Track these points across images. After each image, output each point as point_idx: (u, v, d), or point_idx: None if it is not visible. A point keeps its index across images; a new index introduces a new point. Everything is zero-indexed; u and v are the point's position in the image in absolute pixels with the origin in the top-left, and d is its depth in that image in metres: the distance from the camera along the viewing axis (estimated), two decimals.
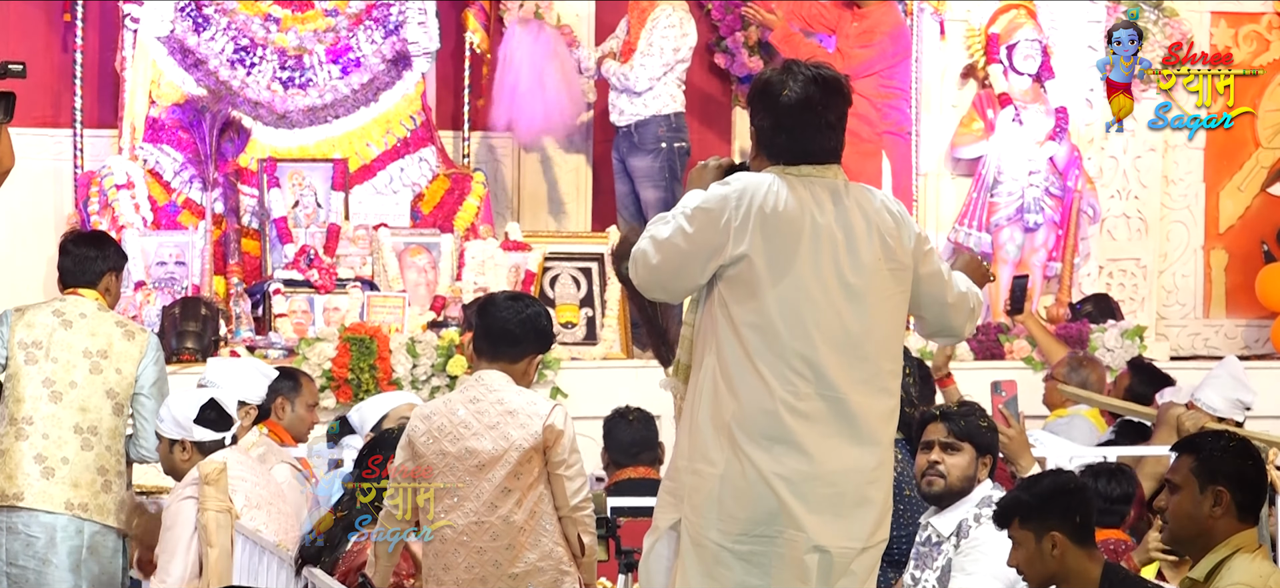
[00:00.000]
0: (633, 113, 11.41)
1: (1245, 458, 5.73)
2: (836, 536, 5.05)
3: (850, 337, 5.08)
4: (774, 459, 5.03)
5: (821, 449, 5.04)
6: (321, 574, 6.24)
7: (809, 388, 5.04)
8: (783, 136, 5.18)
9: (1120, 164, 12.36)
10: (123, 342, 7.92)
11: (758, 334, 5.07)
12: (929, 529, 6.47)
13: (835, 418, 5.05)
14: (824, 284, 5.07)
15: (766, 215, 5.08)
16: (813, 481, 5.04)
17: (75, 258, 8.05)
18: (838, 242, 5.10)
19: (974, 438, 6.45)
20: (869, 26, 11.50)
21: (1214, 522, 5.60)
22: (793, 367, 5.04)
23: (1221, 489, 5.61)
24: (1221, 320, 12.67)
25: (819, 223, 5.09)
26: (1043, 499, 5.80)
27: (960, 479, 6.43)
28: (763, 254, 5.07)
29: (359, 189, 11.24)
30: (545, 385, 10.42)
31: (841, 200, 5.14)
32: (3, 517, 7.77)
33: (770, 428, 5.04)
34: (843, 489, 5.05)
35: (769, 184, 5.11)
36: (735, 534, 5.05)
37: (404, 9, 11.35)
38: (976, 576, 6.21)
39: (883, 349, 5.13)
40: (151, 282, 10.60)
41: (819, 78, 5.19)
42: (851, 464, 5.06)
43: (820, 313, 5.06)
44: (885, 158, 11.51)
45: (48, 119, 11.19)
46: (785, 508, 5.02)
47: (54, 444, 7.80)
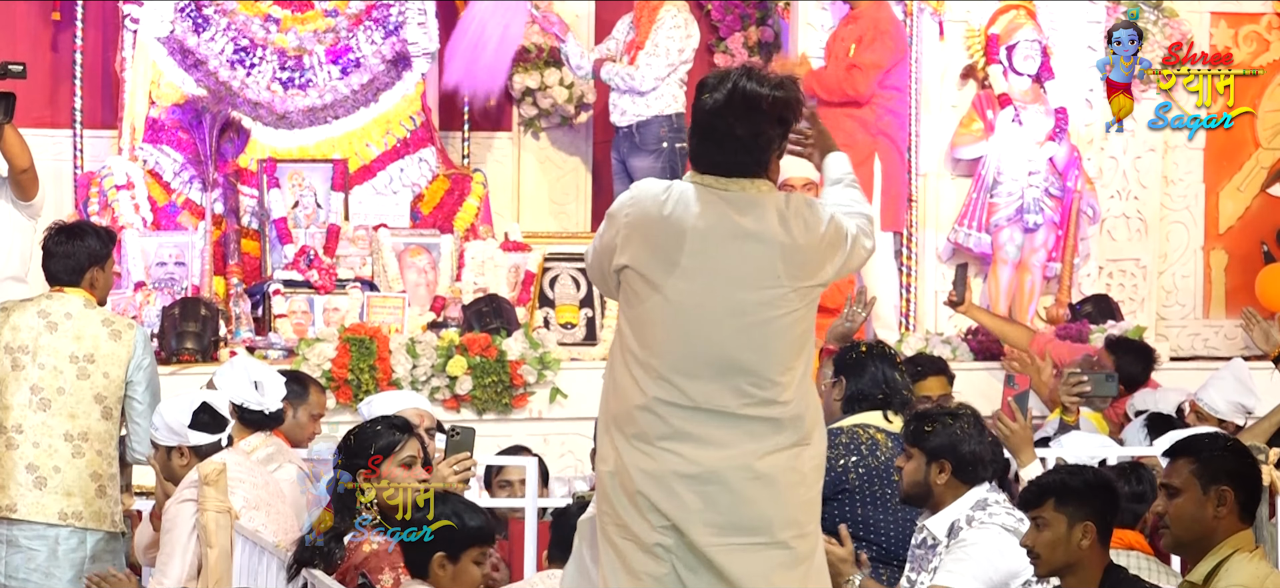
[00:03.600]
0: (635, 113, 11.42)
1: (1243, 458, 5.74)
2: (707, 533, 5.06)
3: (727, 348, 5.06)
4: (645, 457, 5.08)
5: (690, 449, 5.05)
6: (321, 575, 6.23)
7: (678, 393, 5.06)
8: (695, 141, 5.20)
9: (1120, 164, 12.35)
10: (109, 343, 7.80)
11: (636, 338, 5.12)
12: (924, 532, 6.47)
13: (706, 422, 5.05)
14: (705, 294, 5.07)
15: (650, 223, 5.11)
16: (685, 480, 5.06)
17: (57, 257, 7.89)
18: (732, 254, 5.07)
19: (919, 444, 6.43)
20: (866, 26, 11.51)
21: (1218, 523, 5.61)
22: (663, 372, 5.06)
23: (1225, 489, 5.61)
24: (1221, 321, 12.66)
25: (711, 233, 5.07)
26: (1086, 487, 5.79)
27: (909, 485, 6.44)
28: (643, 262, 5.10)
29: (359, 190, 11.24)
30: (545, 386, 10.43)
31: (749, 213, 5.09)
32: (2, 529, 7.72)
33: (644, 427, 5.08)
34: (713, 488, 5.05)
35: (665, 191, 5.14)
36: (624, 527, 5.10)
37: (404, 9, 11.35)
38: (957, 574, 6.20)
39: (769, 362, 5.07)
40: (151, 282, 10.60)
41: (739, 90, 5.11)
42: (723, 463, 5.05)
43: (696, 322, 5.06)
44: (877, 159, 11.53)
45: (47, 120, 11.19)
46: (657, 505, 5.06)
47: (45, 453, 7.70)
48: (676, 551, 5.09)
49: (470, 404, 10.34)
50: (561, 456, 10.08)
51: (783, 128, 5.17)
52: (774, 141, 5.16)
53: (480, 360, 10.29)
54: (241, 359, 8.66)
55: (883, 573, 6.75)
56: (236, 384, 7.81)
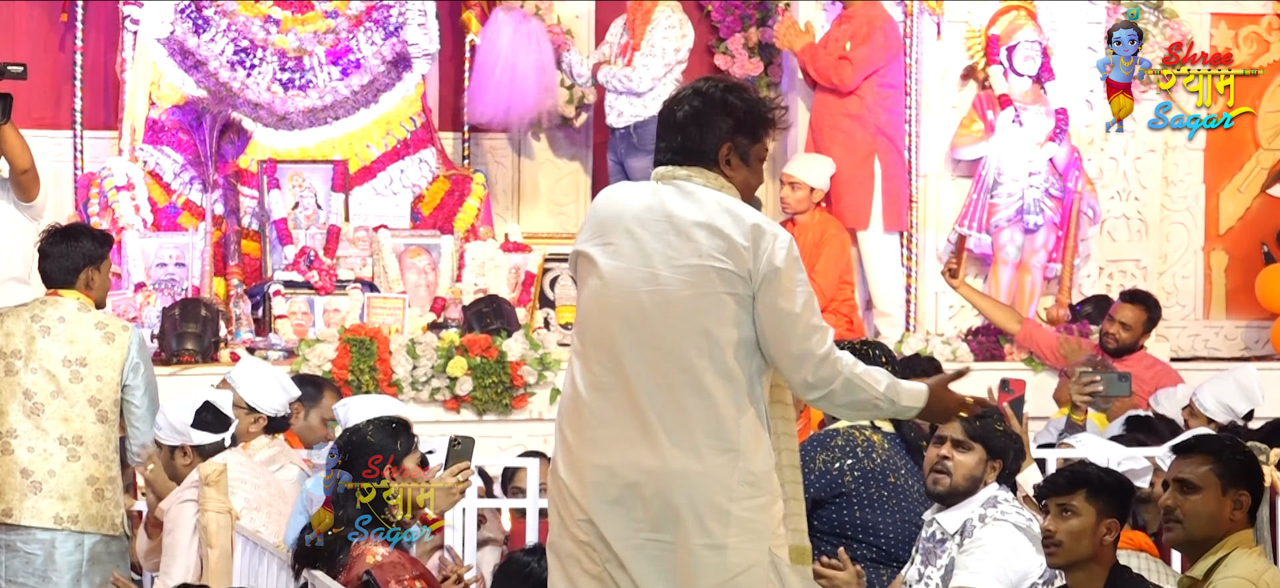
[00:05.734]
0: (632, 114, 11.42)
1: (1257, 464, 5.80)
2: (619, 528, 5.07)
3: (652, 331, 5.07)
4: (570, 449, 5.14)
5: (610, 441, 5.07)
6: (323, 577, 6.23)
7: (608, 378, 5.09)
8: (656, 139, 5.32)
9: (1120, 165, 12.35)
10: (102, 346, 7.81)
11: (579, 325, 5.21)
12: (934, 526, 6.47)
13: (630, 413, 5.06)
14: (635, 278, 5.10)
15: (600, 216, 5.22)
16: (598, 470, 5.08)
17: (52, 258, 7.92)
18: (663, 237, 5.10)
19: (987, 441, 6.43)
20: (859, 25, 11.53)
21: (1232, 525, 5.64)
22: (595, 356, 5.12)
23: (1244, 493, 5.64)
24: (1222, 322, 12.66)
25: (645, 218, 5.12)
26: (1117, 486, 5.85)
27: (965, 479, 6.42)
28: (592, 251, 5.17)
29: (359, 190, 11.24)
30: (545, 387, 10.42)
31: (682, 199, 5.12)
32: (1, 534, 7.72)
33: (573, 416, 5.15)
34: (629, 483, 5.05)
35: (620, 187, 5.32)
36: (567, 521, 5.16)
37: (404, 10, 11.35)
38: (978, 573, 6.21)
39: (694, 345, 5.05)
40: (151, 283, 10.60)
41: (694, 85, 5.28)
42: (635, 459, 5.05)
43: (625, 304, 5.09)
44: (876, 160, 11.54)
45: (47, 120, 11.19)
46: (579, 499, 5.11)
47: (40, 457, 7.71)
48: (597, 546, 5.13)
49: (470, 405, 10.34)
50: None
51: (732, 120, 5.18)
52: (721, 132, 5.17)
53: (480, 361, 10.29)
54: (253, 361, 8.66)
55: (883, 573, 6.75)
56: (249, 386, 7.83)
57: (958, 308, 11.83)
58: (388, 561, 6.22)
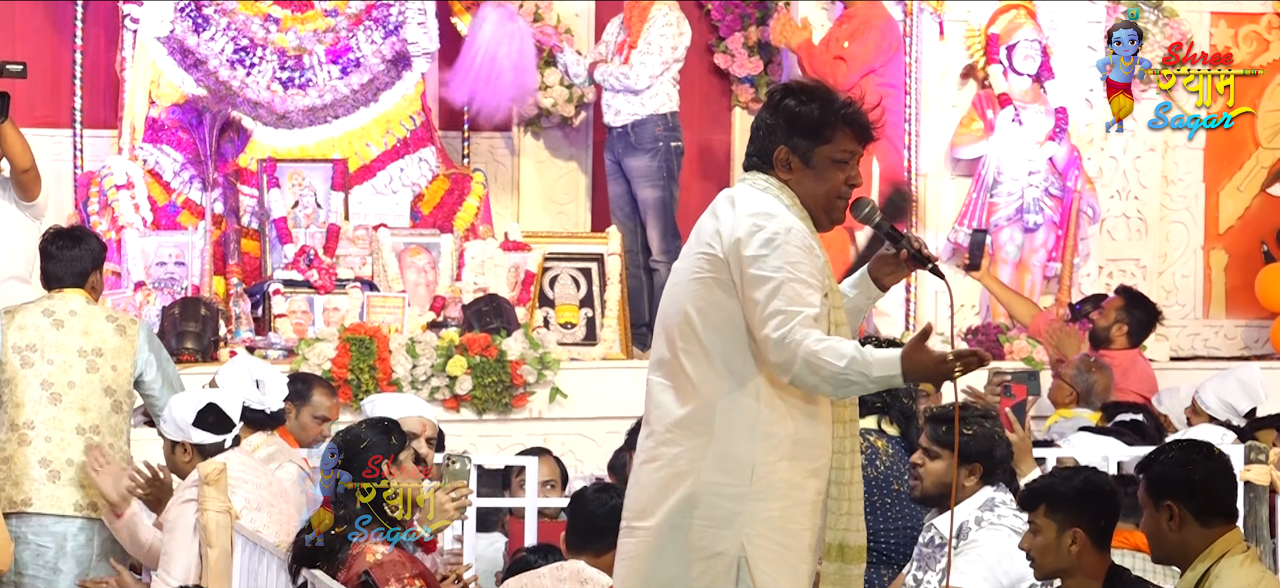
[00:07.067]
0: (630, 112, 11.42)
1: (1189, 465, 5.67)
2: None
3: (660, 318, 5.21)
4: None
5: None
6: (323, 576, 6.23)
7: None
8: None
9: (1120, 164, 12.36)
10: (116, 337, 7.96)
11: None
12: (932, 530, 6.47)
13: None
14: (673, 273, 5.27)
15: None
16: None
17: (61, 260, 8.03)
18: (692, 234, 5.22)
19: (952, 446, 6.38)
20: (857, 24, 11.53)
21: (1178, 535, 5.59)
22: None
23: (1170, 504, 5.58)
24: (1221, 321, 12.67)
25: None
26: (1076, 494, 5.79)
27: (935, 485, 6.42)
28: None
29: (359, 189, 11.23)
30: (545, 386, 10.42)
31: (723, 199, 5.20)
32: (12, 525, 7.76)
33: None
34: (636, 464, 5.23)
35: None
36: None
37: (404, 9, 11.35)
38: (972, 576, 6.20)
39: (677, 328, 5.10)
40: (151, 282, 10.59)
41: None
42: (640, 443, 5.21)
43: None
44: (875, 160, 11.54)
45: (48, 119, 11.19)
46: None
47: (57, 447, 7.83)
48: None
49: (470, 404, 10.34)
50: (562, 455, 10.06)
51: (785, 123, 5.15)
52: (777, 136, 5.15)
53: (480, 360, 10.28)
54: (243, 358, 8.69)
55: (884, 574, 6.76)
56: (238, 383, 7.84)
57: (958, 308, 11.83)
58: (387, 559, 6.22)
